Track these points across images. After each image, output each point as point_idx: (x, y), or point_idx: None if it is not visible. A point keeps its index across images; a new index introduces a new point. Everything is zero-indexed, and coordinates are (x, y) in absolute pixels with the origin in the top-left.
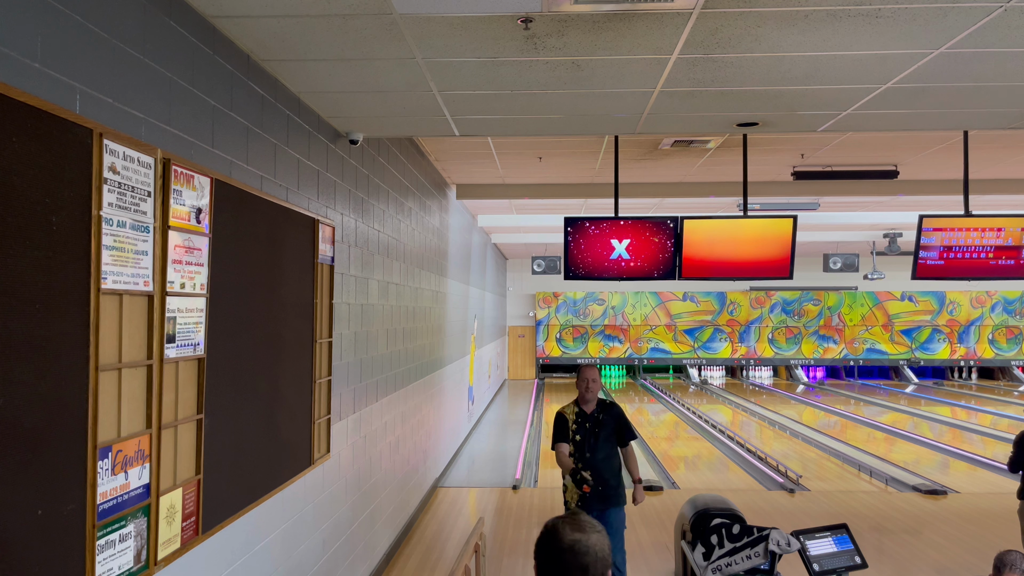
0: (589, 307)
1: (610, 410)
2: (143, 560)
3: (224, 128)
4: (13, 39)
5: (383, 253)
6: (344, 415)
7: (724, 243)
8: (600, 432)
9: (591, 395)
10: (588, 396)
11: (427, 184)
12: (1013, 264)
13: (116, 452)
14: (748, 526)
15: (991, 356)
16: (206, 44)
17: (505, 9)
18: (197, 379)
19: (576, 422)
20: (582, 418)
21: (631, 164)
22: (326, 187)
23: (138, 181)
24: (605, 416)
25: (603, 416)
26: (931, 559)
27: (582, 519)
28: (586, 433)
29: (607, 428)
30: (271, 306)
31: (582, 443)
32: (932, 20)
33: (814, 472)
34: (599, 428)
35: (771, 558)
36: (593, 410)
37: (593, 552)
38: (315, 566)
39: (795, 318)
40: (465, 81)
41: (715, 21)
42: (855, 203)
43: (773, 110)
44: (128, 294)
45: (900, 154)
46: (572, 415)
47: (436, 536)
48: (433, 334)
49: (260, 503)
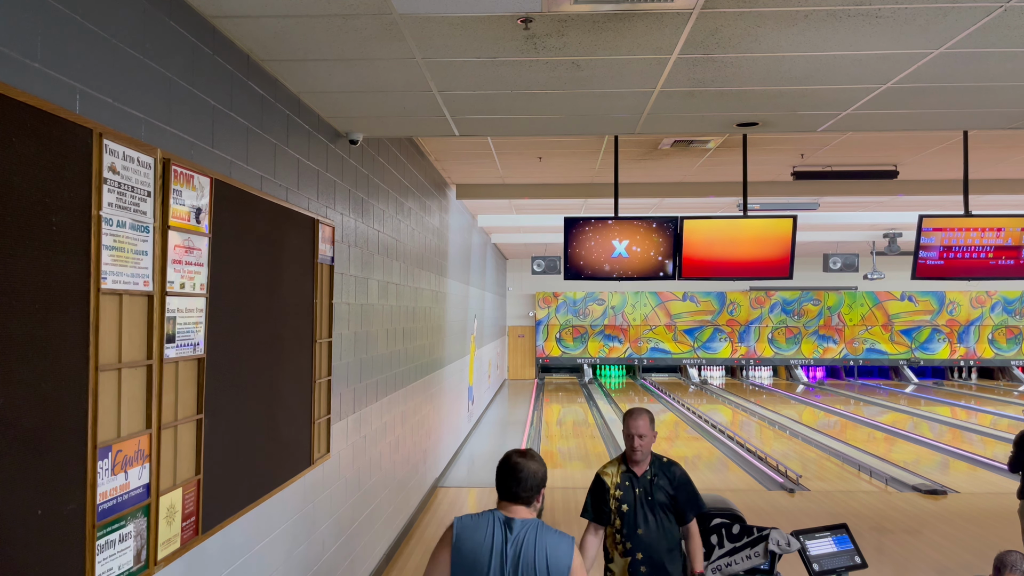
0: (589, 307)
1: (669, 471)
2: (143, 560)
3: (224, 128)
4: (13, 39)
5: (383, 253)
6: (344, 415)
7: (724, 243)
8: (655, 501)
9: (641, 453)
10: (637, 455)
11: (427, 184)
12: (1013, 264)
13: (116, 452)
14: (748, 526)
15: (991, 356)
16: (206, 44)
17: (505, 9)
18: (197, 379)
19: (621, 487)
20: (631, 482)
21: (631, 164)
22: (326, 187)
23: (138, 181)
24: (661, 480)
25: (659, 480)
26: (931, 559)
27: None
28: (635, 502)
29: (663, 495)
30: (271, 306)
31: (631, 516)
32: (932, 20)
33: (814, 472)
34: (653, 495)
35: (771, 558)
36: (645, 471)
37: (528, 470)
38: (315, 566)
39: (795, 318)
40: (465, 81)
41: (715, 21)
42: (855, 203)
43: (773, 110)
44: (128, 294)
45: (900, 154)
46: (615, 478)
47: (436, 536)
48: (433, 334)
49: (260, 503)
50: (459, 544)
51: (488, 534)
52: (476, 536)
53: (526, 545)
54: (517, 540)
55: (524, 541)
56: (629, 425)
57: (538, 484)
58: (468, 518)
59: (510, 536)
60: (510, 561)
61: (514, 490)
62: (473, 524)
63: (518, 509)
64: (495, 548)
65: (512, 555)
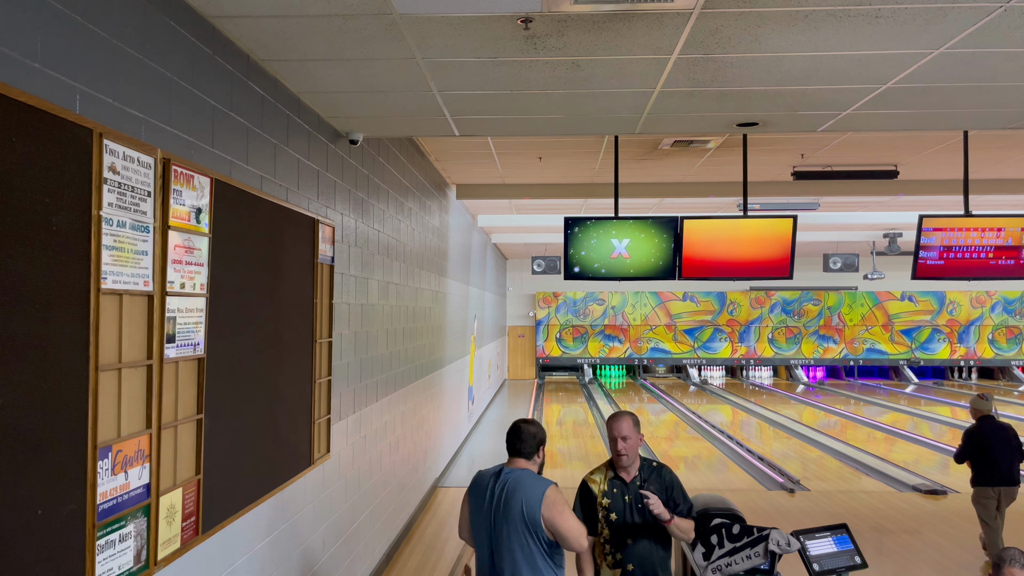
0: (589, 307)
1: (660, 476)
2: (143, 560)
3: (224, 128)
4: (13, 39)
5: (383, 253)
6: (344, 415)
7: (724, 243)
8: (646, 508)
9: (628, 458)
10: (624, 460)
11: (427, 184)
12: (1013, 264)
13: (116, 452)
14: (748, 526)
15: (991, 356)
16: (206, 44)
17: (505, 9)
18: (197, 379)
19: (609, 494)
20: (619, 488)
21: (631, 164)
22: (326, 187)
23: (138, 181)
24: (652, 485)
25: (649, 486)
26: (931, 559)
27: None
28: (625, 510)
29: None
30: (271, 306)
31: (620, 525)
32: (932, 20)
33: (814, 472)
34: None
35: (771, 558)
36: (635, 477)
37: (527, 431)
38: (315, 566)
39: (795, 318)
40: (465, 81)
41: (715, 21)
42: (855, 203)
43: (773, 110)
44: (128, 294)
45: (900, 154)
46: (603, 485)
47: (436, 536)
48: (433, 334)
49: (260, 503)
50: (472, 489)
51: (489, 479)
52: (482, 482)
53: (509, 485)
54: (503, 482)
55: (508, 482)
56: (612, 428)
57: (535, 442)
58: (481, 471)
59: (499, 479)
60: (496, 497)
61: (516, 446)
62: (481, 474)
63: (519, 461)
64: (489, 488)
65: (498, 492)
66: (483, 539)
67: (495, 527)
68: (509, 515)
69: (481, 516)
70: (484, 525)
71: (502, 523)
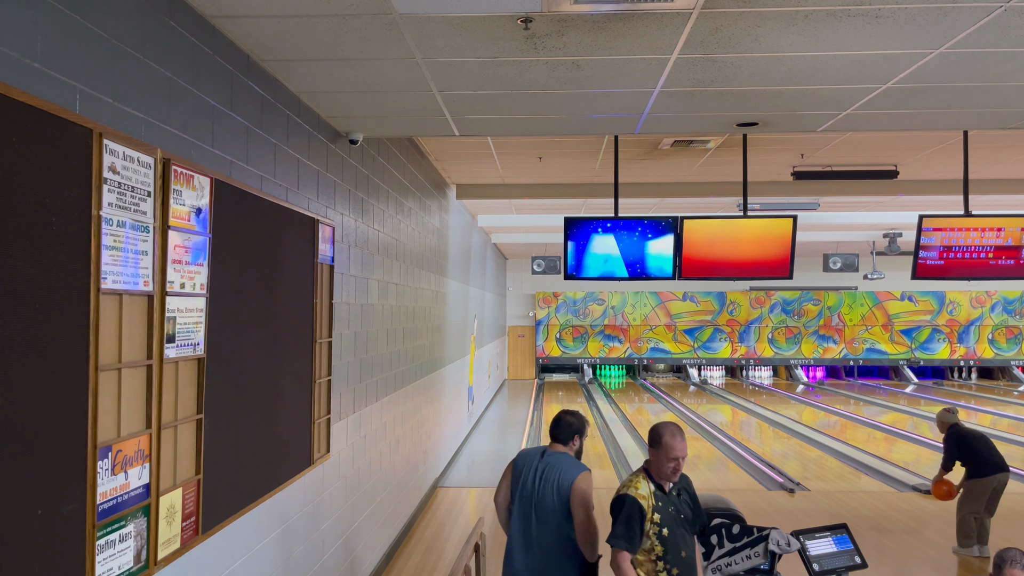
0: (589, 307)
1: (687, 484)
2: (143, 560)
3: (224, 128)
4: (13, 39)
5: (383, 253)
6: (344, 415)
7: (724, 243)
8: (686, 519)
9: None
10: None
11: (427, 184)
12: (1013, 264)
13: (116, 452)
14: (748, 526)
15: (991, 356)
16: (206, 44)
17: (505, 9)
18: (197, 379)
19: (658, 509)
20: (663, 502)
21: (631, 164)
22: (326, 187)
23: (138, 181)
24: (684, 494)
25: (683, 495)
26: (931, 559)
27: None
28: (673, 523)
29: (688, 510)
30: (271, 306)
31: (673, 539)
32: (932, 20)
33: (814, 472)
34: (683, 512)
35: (771, 558)
36: (671, 487)
37: (565, 421)
38: (315, 566)
39: (795, 318)
40: (465, 81)
41: (715, 21)
42: (855, 203)
43: (773, 110)
44: (128, 294)
45: (900, 154)
46: (650, 500)
47: (436, 536)
48: (433, 334)
49: (260, 503)
50: (517, 460)
51: (534, 456)
52: (528, 456)
53: (551, 465)
54: (546, 461)
55: (550, 463)
56: (675, 447)
57: (571, 431)
58: (526, 449)
59: (543, 459)
60: (539, 473)
61: (554, 432)
62: (527, 451)
63: (556, 446)
64: (533, 464)
65: (541, 470)
66: (525, 506)
67: (536, 497)
68: (546, 491)
69: (524, 486)
70: (526, 494)
71: (541, 496)
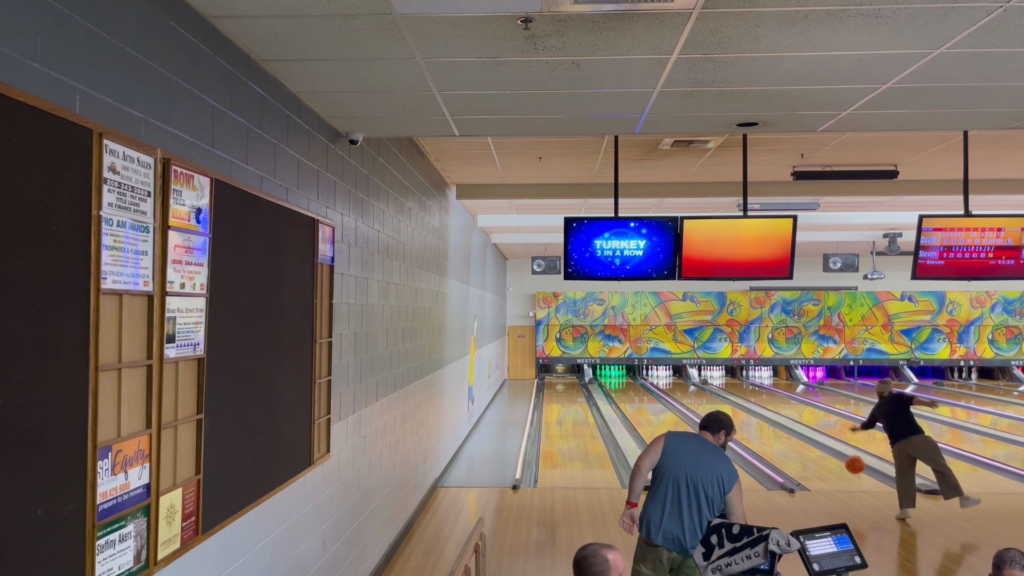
0: (589, 307)
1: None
2: (143, 560)
3: (224, 128)
4: (13, 39)
5: (383, 253)
6: (344, 415)
7: (724, 243)
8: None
9: None
10: None
11: (427, 184)
12: (1013, 264)
13: (116, 452)
14: (748, 526)
15: (991, 356)
16: (206, 44)
17: (505, 9)
18: (197, 379)
19: None
20: None
21: (631, 164)
22: (326, 187)
23: (138, 181)
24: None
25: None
26: (931, 559)
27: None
28: None
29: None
30: (271, 306)
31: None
32: (932, 20)
33: (814, 472)
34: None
35: (771, 558)
36: None
37: (715, 416)
38: (315, 566)
39: (795, 318)
40: (465, 81)
41: (715, 21)
42: (855, 203)
43: (773, 110)
44: (128, 294)
45: (900, 154)
46: None
47: (436, 536)
48: (433, 334)
49: (260, 503)
50: (671, 438)
51: (690, 441)
52: (682, 440)
53: (711, 458)
54: (706, 448)
55: (710, 455)
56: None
57: (718, 425)
58: (677, 431)
59: (708, 445)
60: (698, 458)
61: (706, 423)
62: (679, 433)
63: (705, 434)
64: (691, 449)
65: (703, 454)
66: (678, 479)
67: (691, 476)
68: (706, 478)
69: (680, 463)
70: (682, 471)
71: (697, 478)
